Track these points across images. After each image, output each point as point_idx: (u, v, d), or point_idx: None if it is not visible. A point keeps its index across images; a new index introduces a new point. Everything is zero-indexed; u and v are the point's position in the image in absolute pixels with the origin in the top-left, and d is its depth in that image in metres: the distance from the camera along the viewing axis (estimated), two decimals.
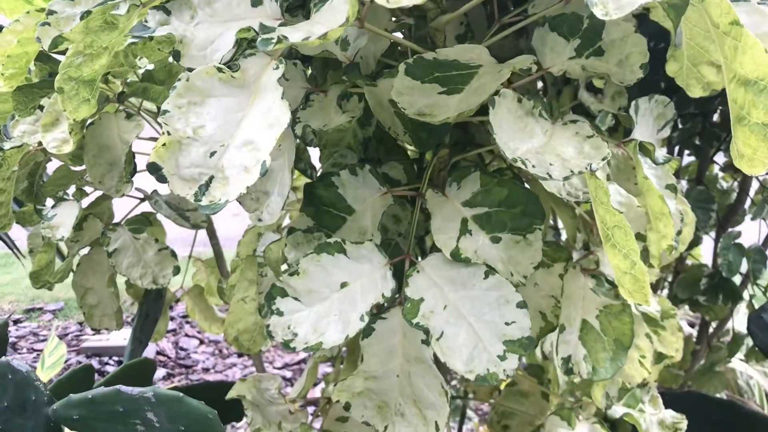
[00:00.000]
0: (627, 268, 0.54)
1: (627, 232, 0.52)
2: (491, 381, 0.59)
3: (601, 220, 0.55)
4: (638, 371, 0.72)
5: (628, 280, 0.54)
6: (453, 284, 0.63)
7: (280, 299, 0.64)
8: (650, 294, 0.53)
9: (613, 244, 0.54)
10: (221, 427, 0.66)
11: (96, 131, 1.18)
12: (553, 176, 0.52)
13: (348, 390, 0.68)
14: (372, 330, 0.65)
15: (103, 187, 1.21)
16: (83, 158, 1.18)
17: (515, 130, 0.55)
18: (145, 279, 1.20)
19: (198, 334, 3.01)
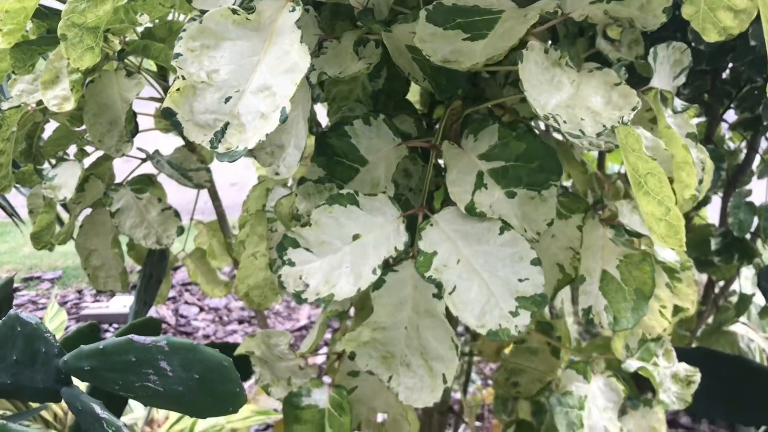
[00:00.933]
0: (662, 214, 0.53)
1: (661, 178, 0.51)
2: (503, 336, 0.58)
3: (633, 168, 0.54)
4: (658, 322, 0.71)
5: (663, 227, 0.53)
6: (467, 239, 0.62)
7: (291, 250, 0.63)
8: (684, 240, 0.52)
9: (647, 192, 0.53)
10: (236, 375, 0.65)
11: (96, 89, 1.15)
12: (586, 133, 0.50)
13: (355, 340, 0.67)
14: (383, 282, 0.64)
15: (104, 147, 1.19)
16: (83, 117, 1.16)
17: (543, 82, 0.54)
18: (149, 239, 1.19)
19: (198, 302, 3.01)
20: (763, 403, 0.99)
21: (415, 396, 0.66)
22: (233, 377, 0.65)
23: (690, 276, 0.77)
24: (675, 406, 0.81)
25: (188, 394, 0.65)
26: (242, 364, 0.92)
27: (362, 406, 0.87)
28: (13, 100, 1.20)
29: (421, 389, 0.66)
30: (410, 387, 0.66)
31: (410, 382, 0.66)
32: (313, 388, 0.83)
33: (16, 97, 1.20)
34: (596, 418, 0.74)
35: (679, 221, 0.52)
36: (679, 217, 0.51)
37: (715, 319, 1.42)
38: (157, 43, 1.14)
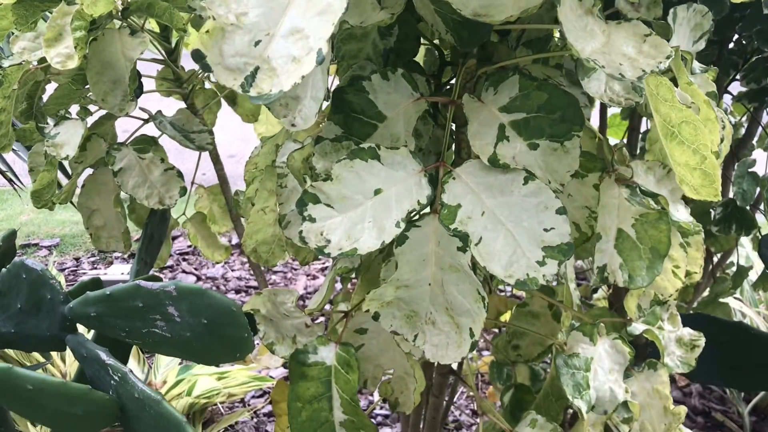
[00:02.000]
0: (697, 163, 0.53)
1: (696, 126, 0.51)
2: (531, 286, 0.58)
3: (665, 119, 0.54)
4: (671, 282, 0.72)
5: (698, 176, 0.53)
6: (490, 191, 0.62)
7: (312, 206, 0.63)
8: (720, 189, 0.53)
9: (681, 141, 0.53)
10: (245, 320, 0.65)
11: (99, 48, 1.14)
12: (626, 75, 0.50)
13: (378, 299, 0.67)
14: (405, 238, 0.64)
15: (107, 106, 1.18)
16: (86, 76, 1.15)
17: (578, 29, 0.53)
18: (152, 199, 1.19)
19: (195, 271, 3.01)
20: (763, 369, 1.00)
21: (441, 353, 0.66)
22: (241, 322, 0.65)
23: (699, 240, 0.78)
24: (679, 370, 0.82)
25: (195, 340, 0.65)
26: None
27: (368, 363, 0.88)
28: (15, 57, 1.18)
29: (448, 346, 0.66)
30: (436, 344, 0.66)
31: (436, 340, 0.66)
32: (320, 345, 0.84)
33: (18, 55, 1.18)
34: (602, 379, 0.75)
35: (715, 170, 0.52)
36: (714, 166, 0.52)
37: (711, 290, 1.44)
38: (161, 2, 1.12)
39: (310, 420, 0.85)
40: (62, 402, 0.64)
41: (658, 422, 0.79)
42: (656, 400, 0.79)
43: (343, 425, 0.84)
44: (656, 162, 0.71)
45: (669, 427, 0.79)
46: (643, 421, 0.80)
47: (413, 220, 0.64)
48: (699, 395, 2.20)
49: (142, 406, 0.65)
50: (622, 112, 1.65)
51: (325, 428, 0.85)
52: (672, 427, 0.79)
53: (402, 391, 0.89)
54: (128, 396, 0.67)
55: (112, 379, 0.66)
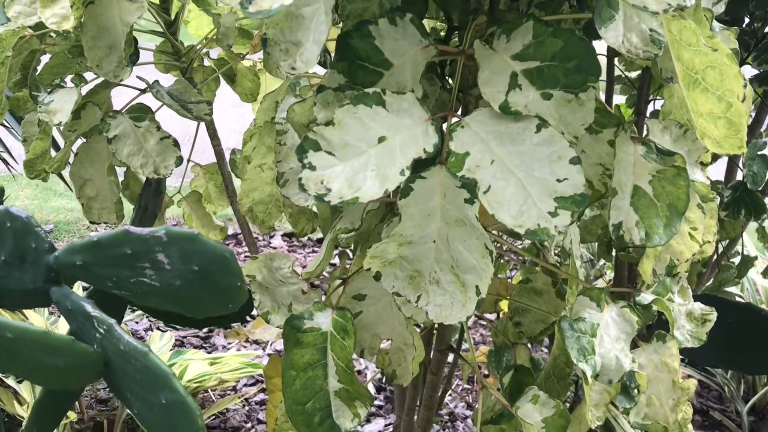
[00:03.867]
0: (722, 111, 0.50)
1: (722, 70, 0.48)
2: (542, 236, 0.56)
3: (687, 67, 0.51)
4: (688, 246, 0.69)
5: (722, 126, 0.50)
6: (500, 139, 0.59)
7: (312, 153, 0.60)
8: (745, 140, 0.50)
9: (705, 88, 0.51)
10: (238, 268, 0.62)
11: (95, 11, 1.11)
12: (650, 8, 0.47)
13: (380, 257, 0.64)
14: (410, 190, 0.61)
15: (101, 71, 1.15)
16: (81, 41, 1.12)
17: None
18: (147, 168, 1.16)
19: None
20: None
21: (445, 313, 0.63)
22: (235, 270, 0.62)
23: (713, 208, 0.75)
24: (688, 344, 0.79)
25: (186, 289, 0.62)
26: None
27: (366, 332, 0.85)
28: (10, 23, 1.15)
29: (452, 306, 0.63)
30: (440, 305, 0.63)
31: (440, 300, 0.63)
32: (316, 311, 0.81)
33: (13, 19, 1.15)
34: (608, 346, 0.72)
35: (741, 117, 0.49)
36: (741, 113, 0.49)
37: (716, 279, 1.41)
38: None
39: (304, 388, 0.81)
40: (44, 353, 0.61)
41: (666, 397, 0.76)
42: (664, 374, 0.76)
43: (337, 394, 0.81)
44: (672, 121, 0.68)
45: (677, 402, 0.76)
46: (651, 395, 0.77)
47: (419, 172, 0.61)
48: (697, 394, 2.17)
49: (127, 359, 0.62)
50: (627, 101, 1.63)
51: (319, 397, 0.82)
52: (680, 401, 0.76)
53: (400, 363, 0.86)
54: (114, 349, 0.64)
55: (98, 332, 0.63)
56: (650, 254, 0.68)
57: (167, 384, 0.60)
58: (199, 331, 2.30)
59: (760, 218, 1.17)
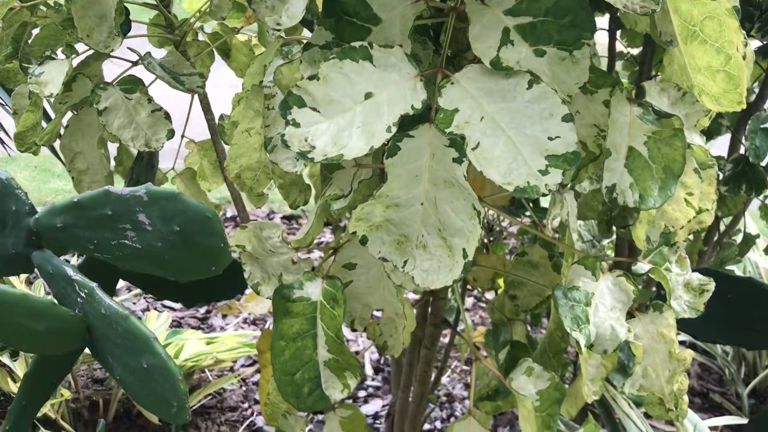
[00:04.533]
0: (721, 63, 0.48)
1: (721, 21, 0.46)
2: (531, 194, 0.54)
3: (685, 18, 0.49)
4: (683, 212, 0.67)
5: (721, 80, 0.48)
6: (491, 96, 0.57)
7: (296, 109, 0.58)
8: (745, 95, 0.48)
9: (703, 40, 0.49)
10: (221, 228, 0.60)
11: None
12: None
13: (366, 219, 0.62)
14: (398, 149, 0.59)
15: (92, 42, 1.13)
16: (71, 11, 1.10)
17: None
18: (138, 141, 1.14)
19: None
20: None
21: (432, 277, 0.62)
22: (217, 230, 0.60)
23: (712, 174, 0.73)
24: (686, 315, 0.77)
25: (168, 251, 0.60)
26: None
27: (357, 302, 0.83)
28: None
29: (439, 270, 0.61)
30: (426, 269, 0.61)
31: (426, 265, 0.61)
32: (306, 281, 0.79)
33: None
34: (603, 316, 0.70)
35: (740, 71, 0.47)
36: (740, 66, 0.47)
37: (717, 256, 1.39)
38: None
39: (293, 359, 0.80)
40: (24, 316, 0.59)
41: (662, 368, 0.75)
42: (661, 344, 0.74)
43: (327, 364, 0.80)
44: (671, 84, 0.66)
45: (673, 373, 0.75)
46: (646, 366, 0.75)
47: (407, 131, 0.59)
48: (697, 376, 2.15)
49: (109, 324, 0.61)
50: (629, 77, 1.60)
51: (308, 367, 0.80)
52: (677, 372, 0.75)
53: (391, 334, 0.84)
54: (95, 314, 0.62)
55: (79, 297, 0.62)
56: (643, 219, 0.66)
57: (148, 348, 0.58)
58: (197, 312, 2.29)
59: (762, 193, 1.14)
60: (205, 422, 1.82)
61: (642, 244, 0.69)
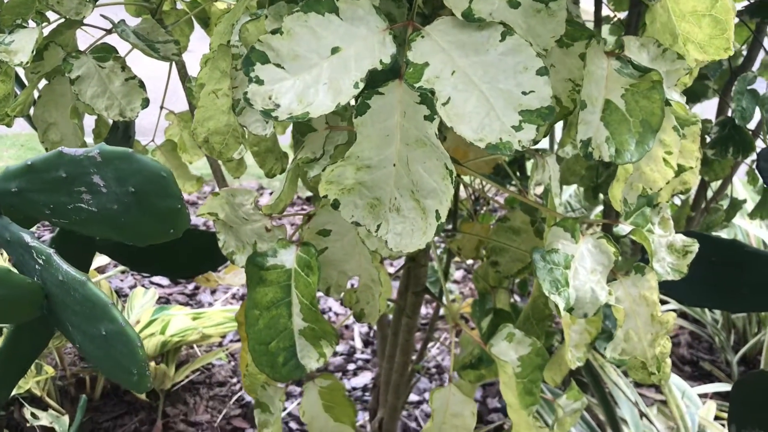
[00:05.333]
0: (706, 7, 0.46)
1: None
2: (504, 150, 0.52)
3: None
4: (662, 172, 0.65)
5: (707, 26, 0.46)
6: (463, 49, 0.54)
7: (260, 66, 0.55)
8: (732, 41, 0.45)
9: None
10: (177, 190, 0.58)
11: None
12: None
13: (337, 182, 0.60)
14: (367, 107, 0.57)
15: (62, 9, 1.10)
16: None
17: None
18: (112, 111, 1.11)
19: None
20: (759, 289, 0.94)
21: (405, 241, 0.59)
22: (173, 192, 0.58)
23: (695, 132, 0.71)
24: (669, 277, 0.76)
25: (124, 214, 0.58)
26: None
27: (332, 269, 0.81)
28: None
29: (412, 233, 0.59)
30: (399, 233, 0.59)
31: (399, 228, 0.59)
32: (280, 248, 0.77)
33: None
34: (583, 278, 0.68)
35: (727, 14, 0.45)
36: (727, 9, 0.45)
37: (703, 221, 1.38)
38: None
39: (267, 328, 0.78)
40: None
41: (645, 331, 0.73)
42: (643, 307, 0.73)
43: (302, 333, 0.78)
44: (651, 39, 0.63)
45: (656, 336, 0.73)
46: (628, 329, 0.73)
47: (376, 88, 0.56)
48: (687, 345, 2.15)
49: (67, 291, 0.59)
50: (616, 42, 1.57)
51: (283, 336, 0.78)
52: (659, 335, 0.73)
53: (368, 302, 0.82)
54: (53, 281, 0.60)
55: (37, 264, 0.60)
56: (620, 177, 0.64)
57: (106, 314, 0.56)
58: (185, 288, 2.27)
59: (748, 156, 1.12)
60: (194, 397, 1.81)
61: (618, 205, 0.66)
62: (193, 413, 1.74)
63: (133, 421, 1.69)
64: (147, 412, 1.73)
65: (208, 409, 1.78)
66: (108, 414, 1.71)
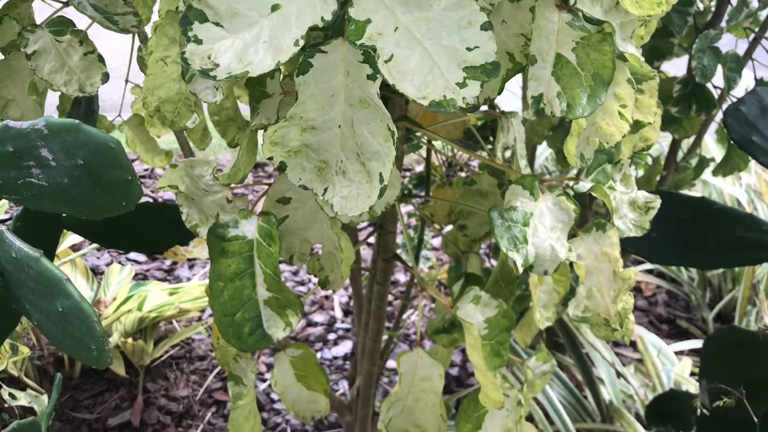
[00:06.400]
0: None
1: None
2: (448, 108, 0.51)
3: None
4: (617, 126, 0.64)
5: None
6: (406, 5, 0.53)
7: (198, 25, 0.54)
8: None
9: None
10: (127, 161, 0.57)
11: None
12: None
13: (282, 143, 0.59)
14: (309, 66, 0.56)
15: None
16: None
17: None
18: (71, 86, 1.09)
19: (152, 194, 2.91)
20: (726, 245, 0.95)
21: (350, 204, 0.59)
22: (123, 163, 0.56)
23: (653, 86, 0.70)
24: (631, 233, 0.76)
25: (74, 188, 0.57)
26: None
27: (294, 237, 0.80)
28: None
29: (358, 196, 0.58)
30: (345, 196, 0.59)
31: (346, 191, 0.58)
32: (241, 219, 0.76)
33: None
34: (543, 236, 0.68)
35: None
36: None
37: (672, 179, 1.38)
38: None
39: (232, 299, 0.77)
40: None
41: (607, 288, 0.73)
42: (605, 264, 0.72)
43: (267, 303, 0.77)
44: None
45: (618, 292, 0.73)
46: (591, 287, 0.73)
47: (318, 45, 0.55)
48: (665, 304, 2.17)
49: (21, 267, 0.58)
50: None
51: (248, 307, 0.78)
52: (622, 292, 0.73)
53: (333, 269, 0.82)
54: (6, 258, 0.59)
55: None
56: (574, 132, 0.63)
57: (61, 290, 0.55)
58: (163, 264, 2.26)
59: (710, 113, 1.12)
60: (174, 372, 1.81)
61: (573, 160, 0.66)
62: (174, 388, 1.74)
63: (113, 398, 1.69)
64: (127, 389, 1.72)
65: (189, 384, 1.78)
66: (88, 391, 1.70)
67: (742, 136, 0.89)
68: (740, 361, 1.02)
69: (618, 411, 1.46)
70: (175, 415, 1.67)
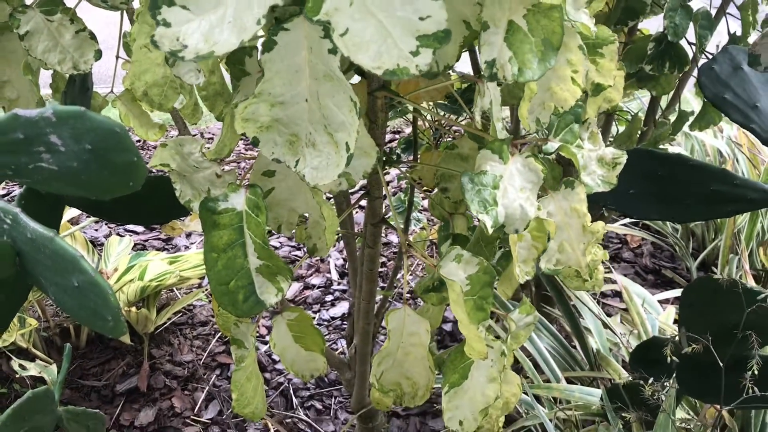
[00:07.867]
0: None
1: None
2: (401, 75, 0.54)
3: None
4: (570, 91, 0.68)
5: None
6: None
7: (166, 8, 0.57)
8: None
9: None
10: (132, 144, 0.61)
11: None
12: None
13: (253, 119, 0.63)
14: (274, 43, 0.59)
15: None
16: None
17: None
18: (65, 64, 1.12)
19: None
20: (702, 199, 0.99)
21: (321, 174, 0.63)
22: (128, 146, 0.60)
23: (613, 50, 0.73)
24: (599, 189, 0.80)
25: (84, 171, 0.61)
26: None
27: (281, 208, 0.85)
28: None
29: (327, 166, 0.62)
30: (316, 167, 0.63)
31: (316, 162, 0.63)
32: (230, 192, 0.80)
33: None
34: (512, 197, 0.72)
35: None
36: None
37: (651, 135, 1.42)
38: None
39: (226, 268, 0.82)
40: None
41: (577, 242, 0.78)
42: (574, 219, 0.77)
43: (259, 270, 0.82)
44: None
45: (588, 245, 0.78)
46: (562, 241, 0.78)
47: (281, 23, 0.59)
48: (650, 255, 2.23)
49: (37, 247, 0.62)
50: None
51: (241, 275, 0.82)
52: (591, 244, 0.78)
53: (320, 237, 0.86)
54: (22, 238, 0.63)
55: (5, 224, 0.63)
56: (526, 96, 0.67)
57: (76, 266, 0.60)
58: (160, 234, 2.31)
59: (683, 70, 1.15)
60: (177, 338, 1.87)
61: (526, 122, 0.70)
62: (178, 353, 1.81)
63: (120, 365, 1.75)
64: (133, 356, 1.79)
65: (192, 348, 1.84)
66: (95, 360, 1.77)
67: (715, 95, 0.93)
68: (714, 308, 1.07)
69: (605, 359, 1.52)
70: (181, 379, 1.74)
